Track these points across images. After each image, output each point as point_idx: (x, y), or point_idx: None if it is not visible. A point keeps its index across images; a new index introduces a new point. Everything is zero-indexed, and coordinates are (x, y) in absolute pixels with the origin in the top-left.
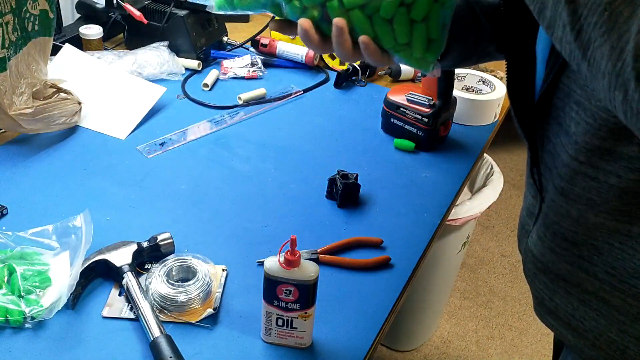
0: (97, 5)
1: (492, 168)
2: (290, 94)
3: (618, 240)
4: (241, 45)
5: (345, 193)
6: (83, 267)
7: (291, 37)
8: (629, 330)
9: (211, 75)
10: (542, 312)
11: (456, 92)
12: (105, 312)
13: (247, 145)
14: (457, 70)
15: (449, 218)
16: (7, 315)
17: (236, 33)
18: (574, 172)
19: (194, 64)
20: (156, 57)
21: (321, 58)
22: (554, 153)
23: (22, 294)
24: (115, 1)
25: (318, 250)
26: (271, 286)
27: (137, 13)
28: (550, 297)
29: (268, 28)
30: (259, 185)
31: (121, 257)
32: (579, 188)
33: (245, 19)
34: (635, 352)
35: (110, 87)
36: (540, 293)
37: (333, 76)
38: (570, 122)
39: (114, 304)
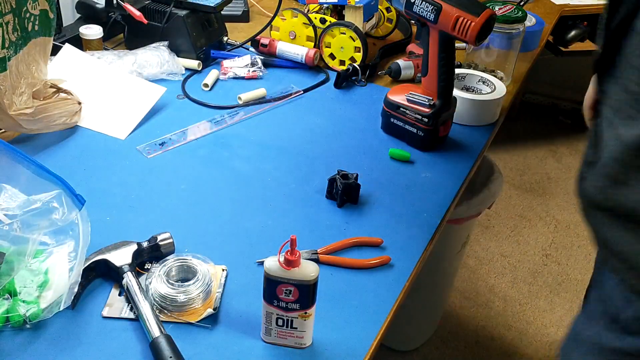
0: (97, 5)
1: (492, 168)
2: (290, 94)
3: None
4: (241, 45)
5: (345, 193)
6: (83, 267)
7: (291, 38)
8: None
9: (211, 75)
10: None
11: (456, 92)
12: (105, 312)
13: (247, 145)
14: (457, 70)
15: (449, 218)
16: (8, 315)
17: (236, 33)
18: None
19: (194, 64)
20: (156, 57)
21: (321, 58)
22: None
23: (20, 294)
24: (115, 1)
25: (318, 250)
26: (271, 286)
27: (137, 13)
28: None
29: (268, 28)
30: (259, 185)
31: (121, 257)
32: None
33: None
34: None
35: (110, 87)
36: None
37: (333, 76)
38: None
39: (114, 304)
